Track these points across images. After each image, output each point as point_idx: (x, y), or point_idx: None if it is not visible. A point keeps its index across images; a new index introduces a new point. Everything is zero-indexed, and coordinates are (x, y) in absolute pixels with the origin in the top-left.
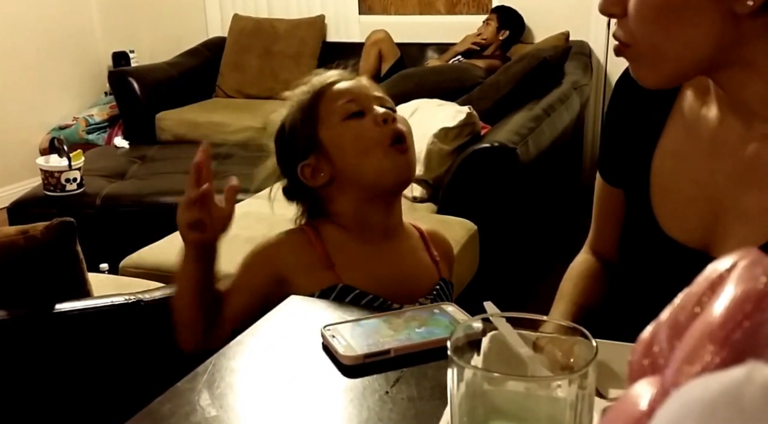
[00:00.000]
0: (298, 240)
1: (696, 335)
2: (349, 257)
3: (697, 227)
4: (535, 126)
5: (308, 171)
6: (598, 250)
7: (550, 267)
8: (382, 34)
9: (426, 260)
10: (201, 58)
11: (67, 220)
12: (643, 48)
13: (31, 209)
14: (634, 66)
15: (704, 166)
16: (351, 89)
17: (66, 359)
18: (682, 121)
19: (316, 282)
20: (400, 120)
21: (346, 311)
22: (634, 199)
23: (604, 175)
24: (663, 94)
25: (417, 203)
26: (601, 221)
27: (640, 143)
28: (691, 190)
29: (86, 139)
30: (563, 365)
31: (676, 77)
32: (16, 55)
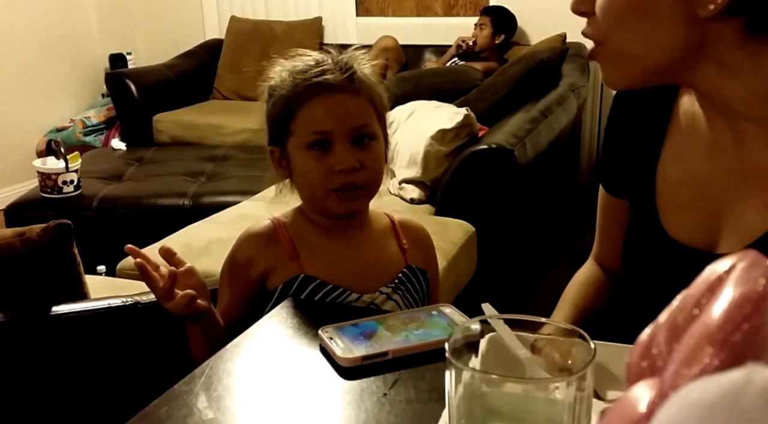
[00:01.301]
0: (264, 236)
1: (695, 337)
2: (313, 247)
3: (699, 227)
4: (532, 128)
5: (275, 156)
6: (602, 261)
7: (547, 268)
8: (391, 41)
9: (392, 249)
10: (198, 60)
11: (64, 222)
12: (610, 47)
13: (28, 211)
14: (603, 67)
15: (703, 167)
16: (325, 116)
17: (63, 361)
18: (680, 125)
19: (284, 274)
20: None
21: (344, 313)
22: (640, 207)
23: (607, 187)
24: (660, 103)
25: (414, 205)
26: (605, 233)
27: (643, 152)
28: (693, 191)
29: (83, 141)
30: (561, 366)
31: (642, 78)
32: (13, 57)
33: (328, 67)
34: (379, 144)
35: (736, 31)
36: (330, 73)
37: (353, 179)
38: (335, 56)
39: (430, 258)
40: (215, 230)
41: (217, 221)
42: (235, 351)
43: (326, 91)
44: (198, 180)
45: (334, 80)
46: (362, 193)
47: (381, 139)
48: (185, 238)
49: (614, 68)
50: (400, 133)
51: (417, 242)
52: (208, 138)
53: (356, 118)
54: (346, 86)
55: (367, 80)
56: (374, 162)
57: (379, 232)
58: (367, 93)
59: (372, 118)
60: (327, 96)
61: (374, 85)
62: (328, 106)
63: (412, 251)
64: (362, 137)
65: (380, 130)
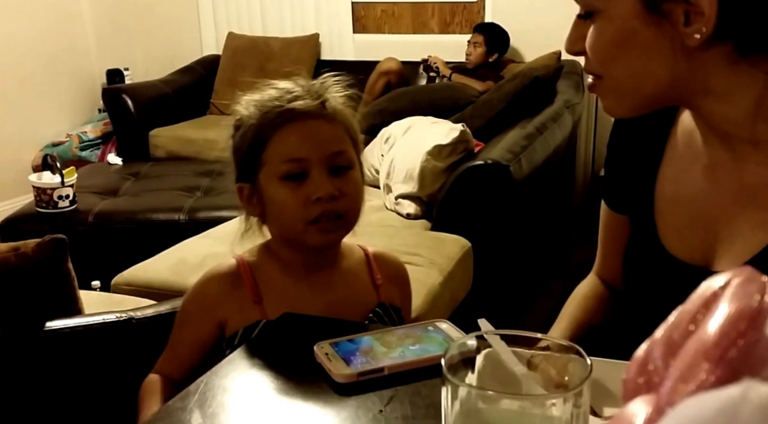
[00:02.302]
0: (227, 278)
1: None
2: (278, 290)
3: (697, 244)
4: (527, 144)
5: (244, 194)
6: (604, 276)
7: (543, 283)
8: (394, 64)
9: (364, 285)
10: (195, 76)
11: (59, 237)
12: (606, 81)
13: (23, 226)
14: (602, 99)
15: (700, 186)
16: (300, 143)
17: (57, 377)
18: (679, 143)
19: (245, 319)
20: (350, 190)
21: (340, 329)
22: (639, 223)
23: (609, 203)
24: (660, 120)
25: (411, 220)
26: (606, 247)
27: (642, 169)
28: (691, 209)
29: (79, 156)
30: (558, 383)
31: (640, 108)
32: (11, 71)
33: (299, 94)
34: (356, 173)
35: (725, 56)
36: (302, 99)
37: (332, 208)
38: (306, 84)
39: (406, 295)
40: (211, 244)
41: (212, 235)
42: (230, 367)
43: (299, 117)
44: (194, 195)
45: (307, 107)
46: (341, 224)
47: (358, 167)
48: (181, 253)
49: (613, 100)
50: (396, 149)
51: (393, 278)
52: (205, 153)
53: (332, 145)
54: (319, 113)
55: (340, 108)
56: (353, 190)
57: (351, 267)
58: (341, 120)
59: (348, 146)
60: (301, 123)
61: (348, 113)
62: (302, 132)
63: (387, 286)
64: (339, 166)
65: (357, 159)
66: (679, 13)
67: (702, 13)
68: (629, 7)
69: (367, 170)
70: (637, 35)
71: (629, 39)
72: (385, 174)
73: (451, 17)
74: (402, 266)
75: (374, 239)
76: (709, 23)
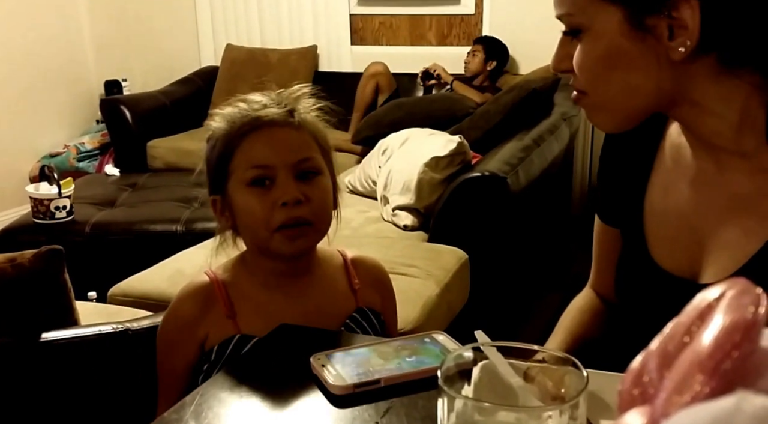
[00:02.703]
0: (200, 295)
1: (685, 364)
2: (252, 302)
3: (684, 256)
4: (525, 156)
5: (216, 206)
6: (599, 290)
7: (541, 295)
8: (381, 67)
9: (341, 291)
10: (193, 87)
11: (56, 248)
12: (593, 98)
13: (20, 237)
14: (589, 113)
15: (687, 198)
16: (265, 149)
17: (53, 388)
18: (667, 156)
19: (220, 334)
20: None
21: (336, 340)
22: (630, 235)
23: (602, 216)
24: (649, 134)
25: (408, 232)
26: (600, 261)
27: (632, 182)
28: (678, 221)
29: (77, 167)
30: (554, 395)
31: (628, 121)
32: (9, 82)
33: (267, 104)
34: (325, 179)
35: (710, 68)
36: (269, 108)
37: (298, 214)
38: (275, 95)
39: (387, 296)
40: (207, 255)
41: (209, 247)
42: (226, 378)
43: (265, 126)
44: (191, 206)
45: (273, 115)
46: (309, 231)
47: (327, 175)
48: (177, 263)
49: (602, 116)
50: (393, 160)
51: (372, 282)
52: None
53: (298, 152)
54: (285, 120)
55: (309, 117)
56: (320, 196)
57: (328, 274)
58: (309, 129)
59: (315, 153)
60: (267, 130)
61: (316, 122)
62: (268, 139)
63: (365, 291)
64: (306, 172)
65: (326, 167)
66: (663, 28)
67: (685, 27)
68: (614, 24)
69: (364, 181)
70: (624, 51)
71: (616, 55)
72: (383, 185)
73: (449, 30)
74: (381, 269)
75: (371, 250)
76: (692, 37)
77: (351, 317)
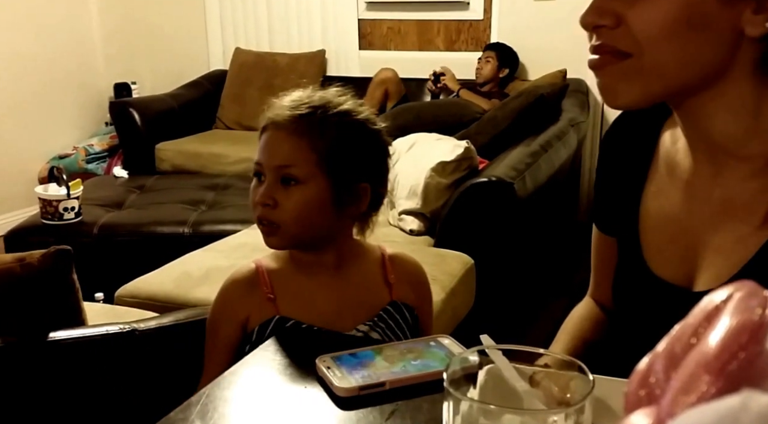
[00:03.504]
0: (245, 281)
1: (692, 365)
2: (291, 288)
3: (679, 264)
4: (532, 161)
5: None
6: (598, 298)
7: (546, 302)
8: (390, 73)
9: (376, 284)
10: (202, 90)
11: (64, 248)
12: (643, 61)
13: (29, 238)
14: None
15: (682, 205)
16: (262, 149)
17: (60, 388)
18: (661, 164)
19: (261, 316)
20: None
21: (342, 343)
22: (626, 244)
23: (598, 225)
24: (644, 142)
25: (414, 236)
26: (599, 271)
27: (628, 191)
28: (673, 229)
29: (85, 169)
30: (560, 400)
31: (654, 96)
32: (20, 84)
33: (288, 104)
34: (306, 190)
35: (753, 61)
36: (284, 109)
37: (265, 215)
38: (306, 96)
39: (423, 294)
40: (214, 258)
41: (216, 249)
42: (232, 379)
43: (272, 126)
44: (198, 208)
45: (277, 117)
46: (277, 232)
47: (314, 185)
48: (184, 266)
49: (632, 85)
50: (400, 165)
51: (407, 277)
52: (210, 167)
53: (280, 158)
54: (286, 125)
55: (320, 125)
56: (291, 205)
57: (365, 267)
58: (313, 136)
59: (301, 162)
60: (271, 130)
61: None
62: (266, 139)
63: (400, 286)
64: (288, 178)
65: (319, 177)
66: None
67: None
68: None
69: None
70: (706, 13)
71: (696, 15)
72: (389, 190)
73: (457, 35)
74: (418, 266)
75: None
76: None
77: (384, 309)
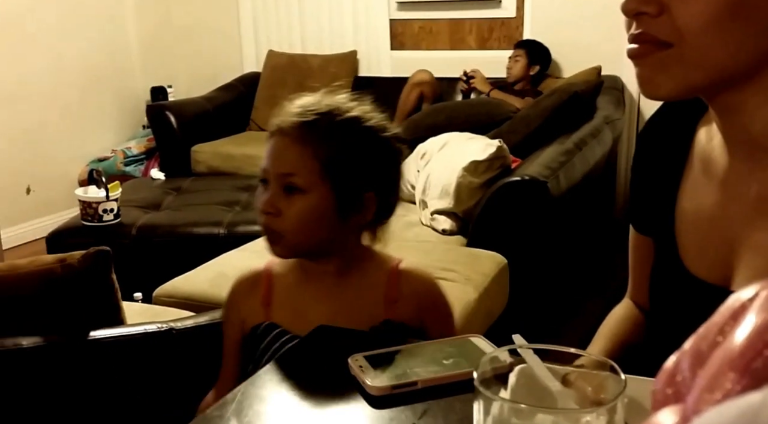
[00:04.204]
0: (249, 282)
1: (717, 363)
2: (289, 295)
3: (716, 263)
4: (566, 160)
5: None
6: (637, 299)
7: (582, 302)
8: (426, 75)
9: (374, 300)
10: (236, 93)
11: (103, 249)
12: (686, 50)
13: (69, 239)
14: (655, 70)
15: (718, 203)
16: (266, 155)
17: (99, 385)
18: (696, 162)
19: (254, 319)
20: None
21: (375, 342)
22: (662, 244)
23: (635, 225)
24: (679, 140)
25: (446, 236)
26: (636, 270)
27: (663, 190)
28: (709, 227)
29: (124, 171)
30: (593, 400)
31: (694, 89)
32: (59, 90)
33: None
34: (308, 199)
35: None
36: (296, 115)
37: (268, 223)
38: (314, 101)
39: (435, 316)
40: (249, 258)
41: (250, 249)
42: (266, 377)
43: (278, 132)
44: (233, 209)
45: (284, 124)
46: (277, 240)
47: (316, 195)
48: (219, 266)
49: (675, 75)
50: (432, 165)
51: (415, 296)
52: (244, 168)
53: (282, 165)
54: (291, 132)
55: (325, 133)
56: (293, 214)
57: (368, 280)
58: (317, 144)
59: (304, 171)
60: (276, 137)
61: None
62: (271, 146)
63: (405, 304)
64: (290, 187)
65: (322, 187)
66: None
67: None
68: None
69: (403, 185)
70: (751, 5)
71: (740, 7)
72: (421, 190)
73: (489, 33)
74: (429, 285)
75: (409, 255)
76: None
77: (374, 327)
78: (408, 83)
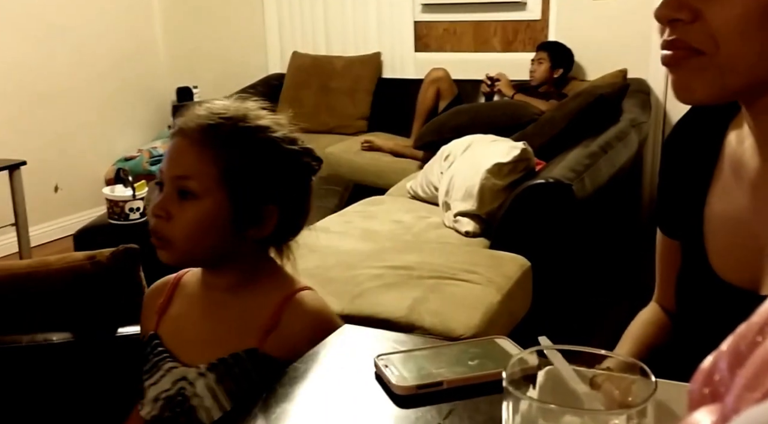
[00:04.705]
0: (157, 289)
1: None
2: (179, 306)
3: (745, 266)
4: (591, 163)
5: None
6: (663, 303)
7: (608, 306)
8: (442, 72)
9: (252, 325)
10: (260, 93)
11: (132, 246)
12: (719, 57)
13: (96, 237)
14: (688, 77)
15: (748, 207)
16: (165, 155)
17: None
18: (726, 166)
19: (147, 326)
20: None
21: (400, 342)
22: (690, 247)
23: (662, 228)
24: (709, 143)
25: (469, 238)
26: (663, 274)
27: (692, 193)
28: (738, 230)
29: (150, 171)
30: (621, 403)
31: (730, 93)
32: (89, 91)
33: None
34: (202, 205)
35: None
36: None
37: (157, 226)
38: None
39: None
40: None
41: None
42: (293, 375)
43: (179, 133)
44: None
45: (186, 125)
46: (165, 245)
47: (210, 202)
48: None
49: (711, 80)
50: (456, 166)
51: (289, 329)
52: None
53: (178, 167)
54: (192, 134)
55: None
56: (184, 219)
57: (256, 301)
58: (217, 149)
59: (201, 175)
60: (176, 138)
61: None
62: (170, 147)
63: (277, 335)
64: (185, 191)
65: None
66: None
67: None
68: None
69: (426, 187)
70: None
71: None
72: (444, 192)
73: (514, 35)
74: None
75: (432, 257)
76: None
77: (234, 354)
78: (424, 82)
